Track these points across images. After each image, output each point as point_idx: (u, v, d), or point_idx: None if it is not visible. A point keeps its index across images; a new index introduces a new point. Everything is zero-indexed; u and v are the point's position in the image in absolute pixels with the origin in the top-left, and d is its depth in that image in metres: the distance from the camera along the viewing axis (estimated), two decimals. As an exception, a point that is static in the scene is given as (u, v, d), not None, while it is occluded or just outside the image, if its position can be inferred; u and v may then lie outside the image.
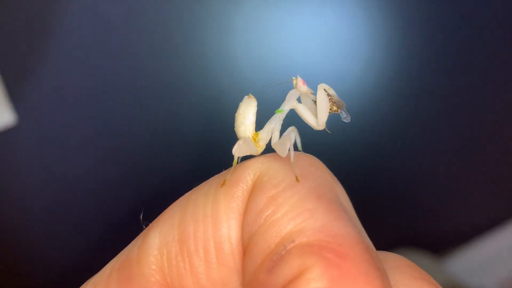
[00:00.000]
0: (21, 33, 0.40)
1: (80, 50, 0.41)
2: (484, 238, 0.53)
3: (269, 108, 0.17)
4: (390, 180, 0.50)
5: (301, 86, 0.16)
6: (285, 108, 0.16)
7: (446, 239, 0.53)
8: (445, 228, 0.53)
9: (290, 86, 0.16)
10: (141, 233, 0.15)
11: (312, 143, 0.18)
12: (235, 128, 0.16)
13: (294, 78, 0.16)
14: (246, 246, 0.13)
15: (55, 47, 0.40)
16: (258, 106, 0.16)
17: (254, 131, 0.16)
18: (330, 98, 0.15)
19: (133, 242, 0.15)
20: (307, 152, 0.15)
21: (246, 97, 0.16)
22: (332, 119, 0.16)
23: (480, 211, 0.53)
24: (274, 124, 0.16)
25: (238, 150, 0.15)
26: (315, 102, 0.16)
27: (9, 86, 0.40)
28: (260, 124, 0.16)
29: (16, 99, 0.41)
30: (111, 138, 0.43)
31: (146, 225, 0.15)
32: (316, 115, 0.16)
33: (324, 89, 0.15)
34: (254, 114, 0.15)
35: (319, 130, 0.16)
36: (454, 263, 0.53)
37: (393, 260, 0.14)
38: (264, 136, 0.16)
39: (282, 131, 0.16)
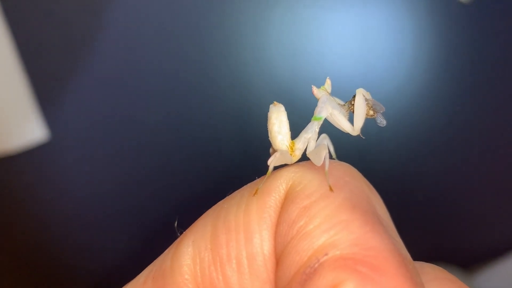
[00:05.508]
0: (54, 49, 0.41)
1: (112, 65, 0.42)
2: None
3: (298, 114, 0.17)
4: (420, 192, 0.49)
5: (328, 88, 0.16)
6: (322, 115, 0.15)
7: (477, 254, 0.52)
8: (476, 243, 0.52)
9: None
10: (174, 242, 0.15)
11: (345, 150, 0.18)
12: (270, 139, 0.15)
13: (322, 86, 0.16)
14: (279, 257, 0.13)
15: (88, 62, 0.41)
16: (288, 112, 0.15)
17: (290, 139, 0.15)
18: (366, 103, 0.15)
19: (166, 251, 0.15)
20: (342, 161, 0.15)
21: (271, 105, 0.15)
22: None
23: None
24: (311, 133, 0.15)
25: (274, 161, 0.14)
26: (341, 105, 0.16)
27: (41, 101, 0.41)
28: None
29: (48, 115, 0.41)
30: (144, 149, 0.44)
31: (181, 233, 0.15)
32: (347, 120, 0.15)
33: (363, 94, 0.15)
34: (287, 120, 0.15)
35: (353, 137, 0.16)
36: (485, 279, 0.51)
37: (431, 272, 0.14)
38: (300, 146, 0.15)
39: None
